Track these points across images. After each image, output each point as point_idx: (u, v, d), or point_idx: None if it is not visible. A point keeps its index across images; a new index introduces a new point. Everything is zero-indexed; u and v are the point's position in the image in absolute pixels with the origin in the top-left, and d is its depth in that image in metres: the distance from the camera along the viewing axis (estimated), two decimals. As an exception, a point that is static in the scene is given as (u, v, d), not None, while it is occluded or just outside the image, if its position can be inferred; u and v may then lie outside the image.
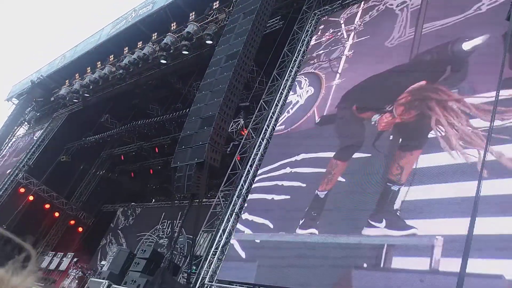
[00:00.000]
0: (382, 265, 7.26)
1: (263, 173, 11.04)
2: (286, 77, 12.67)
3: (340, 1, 13.22)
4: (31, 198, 22.73)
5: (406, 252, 7.14)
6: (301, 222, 9.13)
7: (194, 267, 10.31)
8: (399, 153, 8.51)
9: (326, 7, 13.63)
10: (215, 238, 10.38)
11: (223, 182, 11.96)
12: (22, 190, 22.67)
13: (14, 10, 74.62)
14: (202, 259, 10.24)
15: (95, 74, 21.07)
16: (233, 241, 10.11)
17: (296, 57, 12.91)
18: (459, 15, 9.49)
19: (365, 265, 7.59)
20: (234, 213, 10.63)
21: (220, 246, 10.13)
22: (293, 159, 10.51)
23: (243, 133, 13.94)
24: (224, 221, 10.57)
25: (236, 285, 9.20)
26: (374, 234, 7.67)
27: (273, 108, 12.21)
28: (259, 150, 11.58)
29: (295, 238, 9.06)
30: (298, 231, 9.06)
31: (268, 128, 11.91)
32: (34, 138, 25.45)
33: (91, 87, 21.67)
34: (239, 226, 10.34)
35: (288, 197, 9.95)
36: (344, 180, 9.16)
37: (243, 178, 11.21)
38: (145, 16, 19.57)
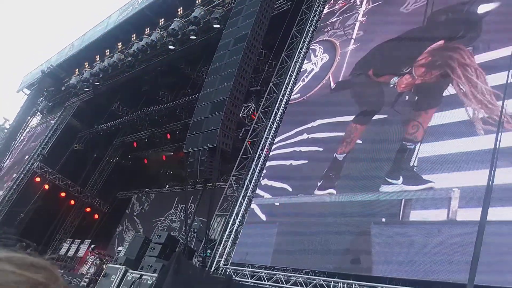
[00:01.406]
0: (400, 219, 7.50)
1: (280, 141, 11.25)
2: (295, 58, 12.52)
3: (348, -21, 12.94)
4: (46, 187, 23.07)
5: (423, 205, 7.37)
6: (319, 183, 9.38)
7: (209, 251, 10.43)
8: (414, 112, 8.67)
9: (334, -15, 13.35)
10: (228, 221, 10.46)
11: (234, 166, 11.98)
12: (37, 179, 23.02)
13: (22, 2, 74.83)
14: (217, 243, 10.35)
15: (104, 62, 21.10)
16: (253, 205, 10.42)
17: (305, 38, 12.73)
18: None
19: (383, 219, 7.85)
20: (247, 197, 10.67)
21: (234, 230, 10.21)
22: (309, 125, 10.69)
23: (254, 117, 13.90)
24: (237, 205, 10.62)
25: (249, 267, 9.29)
26: (391, 191, 7.90)
27: (282, 91, 12.11)
28: (269, 133, 11.53)
29: (314, 199, 9.36)
30: (317, 192, 9.32)
31: (278, 111, 11.83)
32: (51, 122, 25.75)
33: (100, 75, 21.73)
34: (258, 191, 10.62)
35: (306, 161, 10.22)
36: (362, 142, 9.38)
37: (254, 162, 11.21)
38: (152, 2, 19.41)
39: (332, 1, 13.18)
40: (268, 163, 11.04)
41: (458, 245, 6.34)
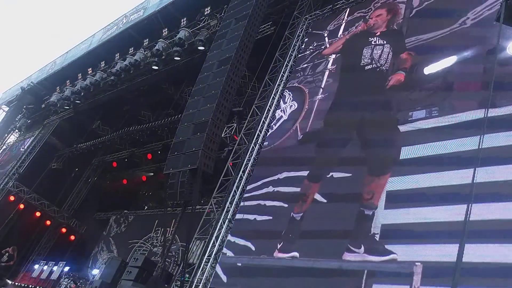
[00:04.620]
0: None
1: (247, 192, 10.67)
2: (278, 82, 12.63)
3: (330, 6, 13.23)
4: (21, 206, 22.41)
5: (386, 279, 6.88)
6: (279, 245, 8.84)
7: (187, 275, 10.18)
8: (368, 177, 8.32)
9: (317, 11, 13.62)
10: (208, 245, 10.26)
11: (215, 188, 11.85)
12: (12, 198, 22.35)
13: (4, 16, 74.25)
14: (195, 267, 10.12)
15: (86, 80, 20.90)
16: (217, 267, 9.68)
17: (287, 62, 12.88)
18: (440, 30, 9.22)
19: None
20: (227, 220, 10.52)
21: (213, 254, 10.02)
22: (275, 177, 10.20)
23: (236, 137, 13.86)
24: (217, 228, 10.46)
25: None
26: (354, 260, 7.43)
27: (265, 113, 12.15)
28: (251, 155, 11.50)
29: (276, 262, 8.67)
30: (278, 254, 8.71)
31: (261, 133, 11.85)
32: (29, 139, 25.14)
33: (82, 93, 21.48)
34: (224, 249, 9.96)
35: (270, 218, 9.61)
36: (319, 201, 8.87)
37: (235, 184, 11.12)
38: (136, 22, 19.46)
39: (303, 46, 13.07)
40: (237, 216, 10.48)
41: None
